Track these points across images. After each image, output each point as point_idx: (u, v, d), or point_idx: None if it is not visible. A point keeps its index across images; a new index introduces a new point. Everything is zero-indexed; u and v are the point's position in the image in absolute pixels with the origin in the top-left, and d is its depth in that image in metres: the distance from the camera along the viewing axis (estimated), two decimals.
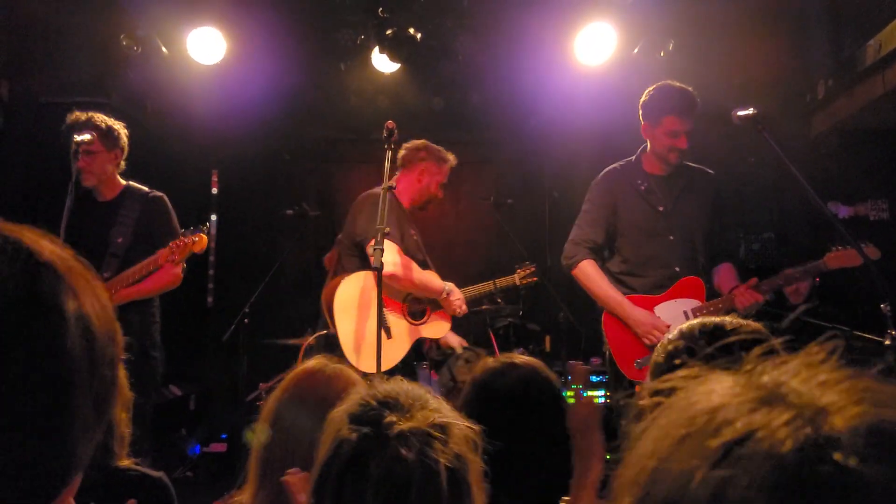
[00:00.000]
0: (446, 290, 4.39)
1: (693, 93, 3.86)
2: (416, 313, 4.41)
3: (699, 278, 3.87)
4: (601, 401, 5.19)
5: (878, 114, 5.13)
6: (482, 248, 7.13)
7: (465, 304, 4.47)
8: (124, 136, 4.26)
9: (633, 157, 4.13)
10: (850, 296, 4.83)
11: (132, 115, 5.89)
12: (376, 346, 3.28)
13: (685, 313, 3.79)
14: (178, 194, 4.35)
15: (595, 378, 5.66)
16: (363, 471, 1.20)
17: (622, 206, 4.02)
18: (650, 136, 3.99)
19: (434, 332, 4.44)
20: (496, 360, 2.15)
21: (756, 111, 3.63)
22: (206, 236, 4.00)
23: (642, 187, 3.99)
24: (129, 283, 3.97)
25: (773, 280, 3.75)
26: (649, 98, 3.94)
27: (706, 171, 4.11)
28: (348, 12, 5.95)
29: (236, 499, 1.89)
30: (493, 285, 4.81)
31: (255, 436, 1.82)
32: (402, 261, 4.20)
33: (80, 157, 4.01)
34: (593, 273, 3.97)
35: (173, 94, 6.03)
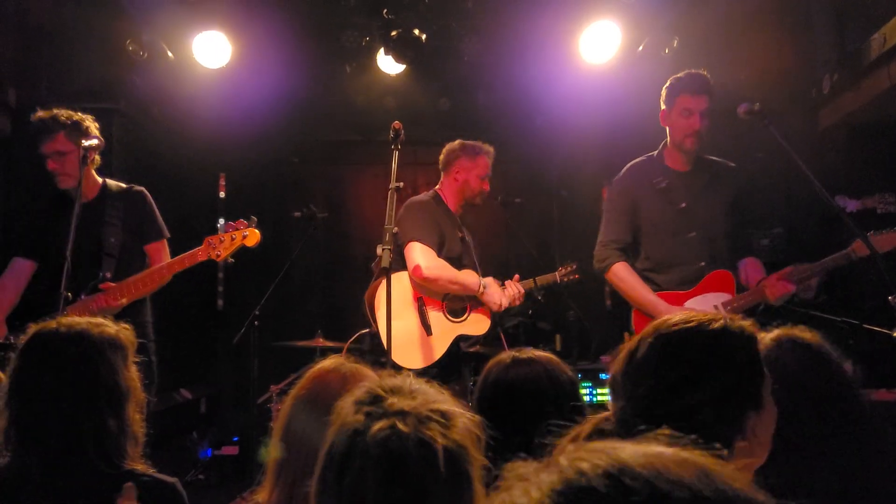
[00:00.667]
0: (482, 285, 4.43)
1: (705, 75, 3.90)
2: (457, 311, 4.48)
3: (728, 272, 3.85)
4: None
5: (885, 107, 5.12)
6: (491, 248, 7.12)
7: (504, 299, 4.50)
8: (94, 128, 4.07)
9: (655, 152, 4.11)
10: (858, 289, 4.81)
11: (140, 121, 5.94)
12: (415, 340, 3.64)
13: (716, 308, 3.77)
14: (185, 198, 4.39)
15: (604, 376, 5.66)
16: (363, 446, 1.22)
17: (642, 205, 4.02)
18: (668, 122, 3.99)
19: (474, 329, 4.50)
20: (512, 354, 2.17)
21: (762, 106, 3.63)
22: (257, 230, 3.90)
23: (662, 185, 3.97)
24: (160, 281, 3.90)
25: (805, 269, 3.71)
26: (666, 85, 3.98)
27: (728, 164, 4.08)
28: (353, 14, 5.96)
29: (253, 498, 1.91)
30: (534, 282, 4.87)
31: (289, 434, 1.83)
32: (434, 263, 4.28)
33: (49, 160, 3.92)
34: (626, 275, 3.97)
35: (180, 99, 6.05)
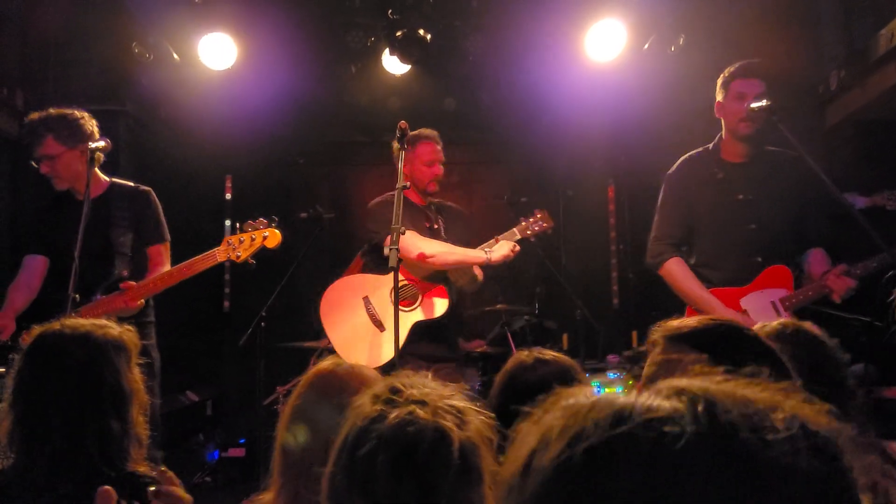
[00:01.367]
0: (485, 250, 4.30)
1: (760, 60, 3.81)
2: (407, 299, 4.31)
3: (785, 266, 3.74)
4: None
5: (893, 104, 5.10)
6: None
7: (509, 246, 4.30)
8: (90, 125, 3.96)
9: (711, 145, 3.99)
10: (868, 285, 4.79)
11: (146, 122, 5.95)
12: (369, 339, 3.46)
13: (773, 304, 3.69)
14: (192, 200, 4.39)
15: (612, 375, 5.64)
16: (379, 431, 1.24)
17: (698, 197, 3.90)
18: (722, 111, 3.86)
19: (430, 313, 4.30)
20: (526, 355, 2.16)
21: (770, 103, 3.60)
22: (278, 231, 3.84)
23: (719, 176, 3.87)
24: (174, 282, 3.84)
25: (867, 263, 3.58)
26: (721, 76, 3.87)
27: (789, 153, 3.88)
28: (358, 14, 5.96)
29: (260, 498, 1.91)
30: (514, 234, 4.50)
31: (291, 436, 1.83)
32: (415, 242, 4.19)
33: (41, 164, 3.86)
34: (680, 271, 3.86)
35: (186, 101, 6.05)
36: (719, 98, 3.86)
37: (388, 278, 4.22)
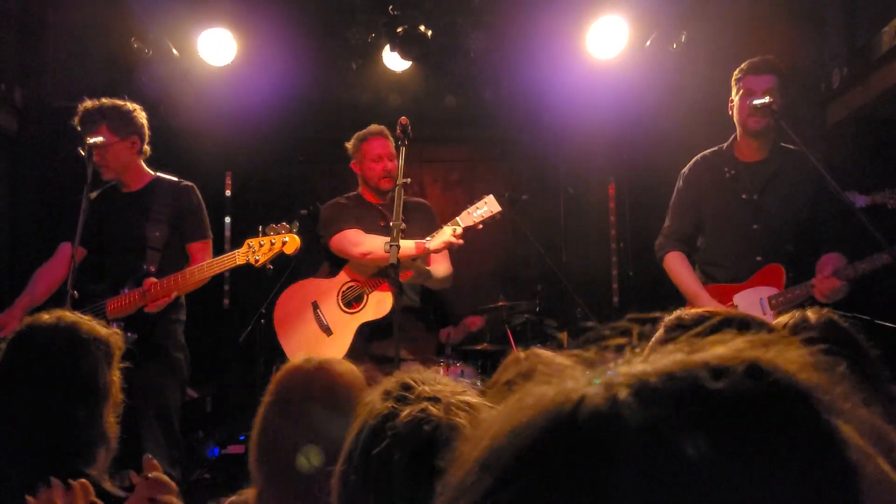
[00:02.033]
0: (425, 242, 4.10)
1: (772, 57, 3.86)
2: (352, 301, 4.28)
3: (780, 265, 3.77)
4: None
5: (895, 102, 5.08)
6: (498, 245, 7.11)
7: (447, 235, 4.08)
8: (140, 118, 4.05)
9: (725, 144, 4.04)
10: (869, 283, 4.78)
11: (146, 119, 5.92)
12: (316, 345, 3.35)
13: (762, 301, 3.74)
14: None
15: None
16: (391, 428, 1.23)
17: (707, 196, 3.98)
18: (735, 110, 3.90)
19: (375, 312, 4.21)
20: (524, 358, 2.13)
21: (771, 100, 3.59)
22: (297, 236, 3.81)
23: (728, 175, 3.91)
24: (195, 284, 3.86)
25: (857, 266, 3.60)
26: (743, 66, 3.90)
27: (805, 152, 3.83)
28: (359, 11, 5.94)
29: (243, 495, 1.90)
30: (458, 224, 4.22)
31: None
32: (355, 239, 4.20)
33: (94, 152, 3.84)
34: (677, 265, 3.96)
35: (186, 97, 6.04)
36: (732, 96, 3.90)
37: (335, 282, 4.32)
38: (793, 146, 3.90)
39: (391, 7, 5.77)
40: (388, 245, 3.29)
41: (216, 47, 5.65)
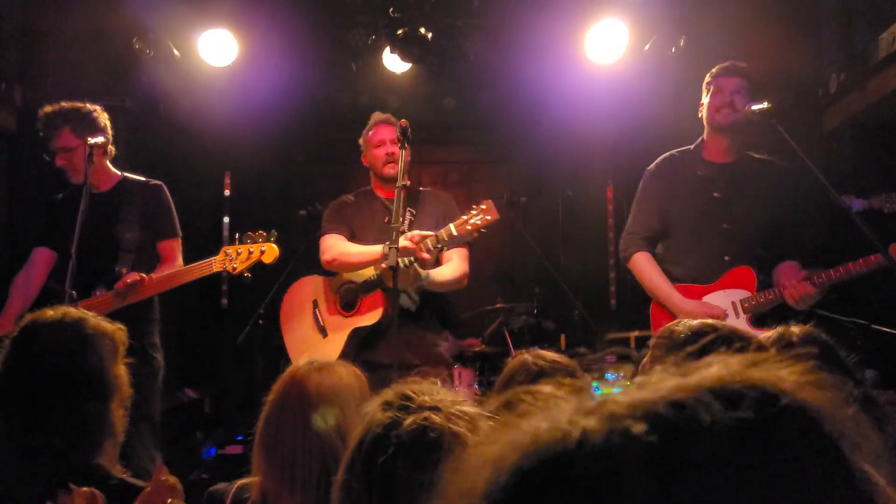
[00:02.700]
0: (384, 249, 3.83)
1: (740, 63, 3.91)
2: (349, 304, 4.19)
3: (751, 268, 3.76)
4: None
5: (892, 107, 5.10)
6: (496, 248, 7.13)
7: (413, 237, 3.78)
8: (103, 119, 3.99)
9: (692, 146, 4.04)
10: (866, 288, 4.80)
11: (145, 119, 5.94)
12: (311, 345, 3.25)
13: (733, 304, 3.74)
14: (190, 196, 4.38)
15: (610, 376, 5.64)
16: (395, 436, 1.25)
17: (677, 192, 3.94)
18: (702, 109, 3.94)
19: (369, 319, 4.07)
20: (528, 357, 2.14)
21: (770, 105, 3.61)
22: (275, 246, 3.78)
23: (698, 173, 3.91)
24: (175, 285, 3.84)
25: (829, 274, 3.60)
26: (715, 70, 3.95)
27: (778, 163, 3.94)
28: (359, 13, 5.96)
29: (246, 481, 1.95)
30: (436, 237, 3.87)
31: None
32: (331, 246, 4.16)
33: (57, 156, 3.86)
34: (645, 265, 3.92)
35: (186, 97, 6.04)
36: (703, 99, 3.94)
37: (334, 282, 4.27)
38: (759, 155, 3.98)
39: (391, 9, 5.79)
40: (387, 247, 3.29)
41: (217, 48, 5.65)
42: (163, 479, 1.73)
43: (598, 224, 7.37)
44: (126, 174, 4.15)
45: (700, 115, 3.97)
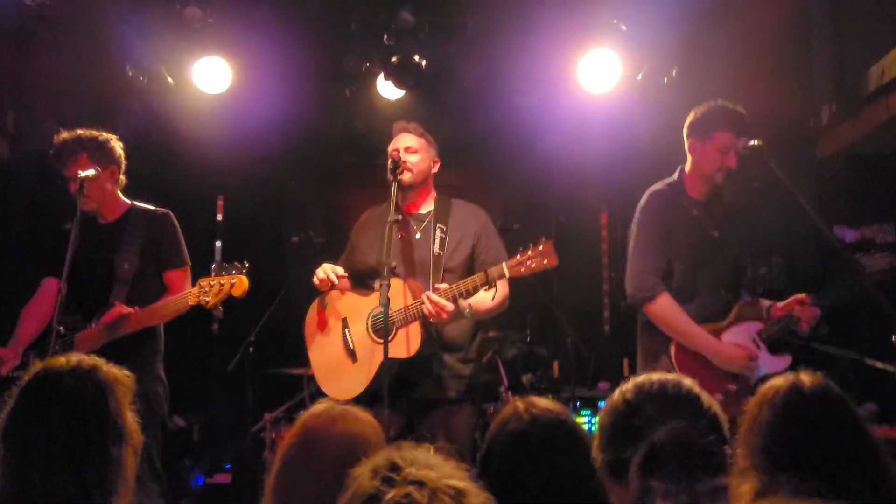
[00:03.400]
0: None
1: (744, 113, 3.79)
2: (382, 331, 3.65)
3: (755, 299, 3.80)
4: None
5: (883, 139, 5.13)
6: None
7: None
8: (118, 148, 3.99)
9: (672, 180, 3.96)
10: (860, 322, 4.80)
11: (138, 145, 5.93)
12: (339, 368, 3.27)
13: (753, 339, 3.72)
14: (183, 221, 4.32)
15: (602, 404, 5.62)
16: None
17: (676, 231, 3.84)
18: (698, 154, 3.84)
19: (402, 350, 3.71)
20: (523, 410, 2.10)
21: (763, 142, 3.61)
22: (246, 278, 3.71)
23: (693, 212, 3.84)
24: (150, 322, 3.79)
25: (828, 293, 3.68)
26: (700, 115, 3.84)
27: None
28: (353, 39, 5.97)
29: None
30: (485, 276, 3.64)
31: None
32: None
33: (72, 183, 3.81)
34: (674, 308, 3.71)
35: (179, 124, 6.05)
36: (696, 137, 3.84)
37: (370, 301, 3.87)
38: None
39: (386, 36, 5.80)
40: (380, 284, 3.25)
41: (211, 75, 5.65)
42: None
43: (591, 251, 7.36)
44: (135, 203, 4.10)
45: (691, 153, 3.90)
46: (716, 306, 3.79)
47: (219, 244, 7.15)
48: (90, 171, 3.75)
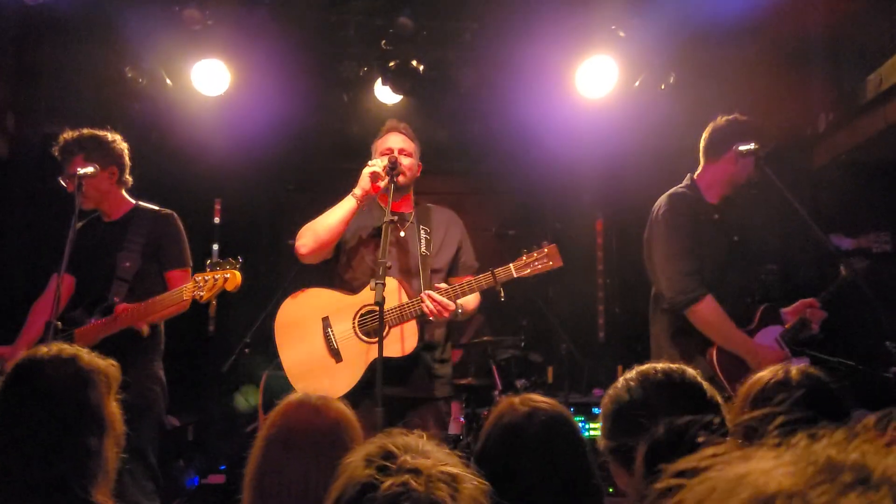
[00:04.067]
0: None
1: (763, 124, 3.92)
2: (372, 331, 3.62)
3: (768, 304, 3.84)
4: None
5: (880, 147, 5.14)
6: None
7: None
8: (120, 148, 4.00)
9: (689, 185, 3.93)
10: (855, 329, 4.81)
11: (136, 147, 5.93)
12: (320, 368, 3.19)
13: (776, 341, 3.75)
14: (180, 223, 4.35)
15: (597, 410, 5.62)
16: (370, 501, 1.21)
17: (701, 237, 3.80)
18: (733, 164, 3.81)
19: (397, 349, 3.61)
20: (519, 403, 2.10)
21: (758, 146, 3.63)
22: (238, 273, 3.72)
23: (714, 217, 3.85)
24: (148, 317, 3.76)
25: (823, 294, 3.76)
26: (731, 124, 3.86)
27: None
28: (352, 45, 5.99)
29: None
30: (493, 277, 3.65)
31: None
32: (298, 236, 4.04)
33: (69, 183, 3.82)
34: (719, 309, 3.63)
35: (178, 126, 6.06)
36: (738, 156, 3.78)
37: (356, 300, 3.77)
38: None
39: (384, 42, 5.82)
40: (374, 283, 3.23)
41: (210, 78, 5.67)
42: None
43: (586, 257, 7.38)
44: (140, 203, 4.11)
45: (726, 162, 3.86)
46: (739, 310, 3.77)
47: (216, 247, 7.16)
48: (88, 169, 3.77)
